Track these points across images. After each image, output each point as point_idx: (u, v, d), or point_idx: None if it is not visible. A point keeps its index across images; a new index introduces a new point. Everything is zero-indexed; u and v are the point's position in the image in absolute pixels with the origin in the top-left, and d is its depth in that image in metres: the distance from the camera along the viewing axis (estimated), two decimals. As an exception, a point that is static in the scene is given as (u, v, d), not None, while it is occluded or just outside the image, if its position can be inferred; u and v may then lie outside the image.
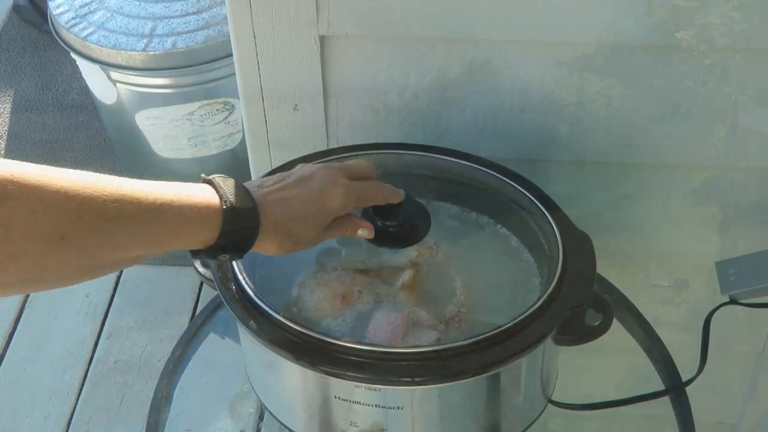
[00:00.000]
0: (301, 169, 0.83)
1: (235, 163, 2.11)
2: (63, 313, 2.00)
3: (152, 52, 1.92)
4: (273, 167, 0.94)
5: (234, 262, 0.86)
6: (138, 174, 1.80)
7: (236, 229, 0.74)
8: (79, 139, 2.40)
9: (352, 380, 0.80)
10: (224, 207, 0.73)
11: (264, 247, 0.78)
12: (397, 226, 0.88)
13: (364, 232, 0.85)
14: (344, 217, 0.83)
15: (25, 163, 0.64)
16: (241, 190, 0.75)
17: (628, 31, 0.96)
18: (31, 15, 2.70)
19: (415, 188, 1.00)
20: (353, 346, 0.80)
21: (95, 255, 0.67)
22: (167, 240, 0.72)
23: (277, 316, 0.82)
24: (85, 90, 2.26)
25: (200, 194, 0.73)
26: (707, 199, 1.12)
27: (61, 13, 2.02)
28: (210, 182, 0.75)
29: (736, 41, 0.96)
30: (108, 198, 0.66)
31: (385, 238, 0.88)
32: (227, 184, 0.75)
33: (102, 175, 0.68)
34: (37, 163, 0.65)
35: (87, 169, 0.67)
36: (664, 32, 0.96)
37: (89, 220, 0.65)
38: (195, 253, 0.76)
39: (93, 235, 0.66)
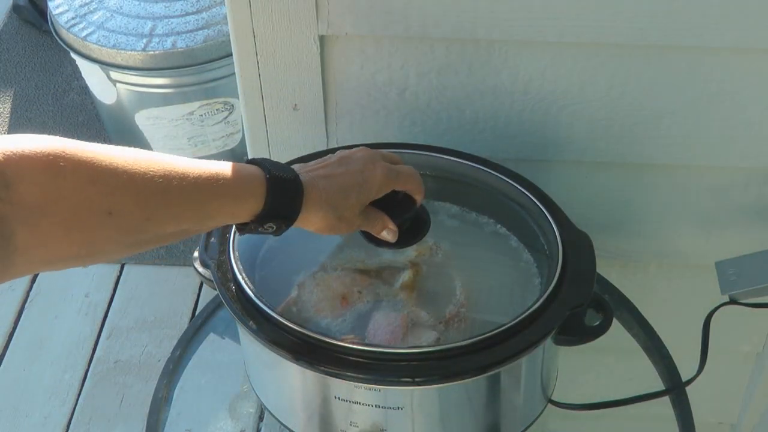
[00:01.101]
0: (341, 152, 0.84)
1: (234, 163, 2.11)
2: (63, 313, 2.00)
3: (152, 52, 1.92)
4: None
5: (234, 262, 0.86)
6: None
7: (280, 197, 0.76)
8: (78, 139, 2.39)
9: (352, 380, 0.80)
10: (267, 176, 0.75)
11: (309, 219, 0.79)
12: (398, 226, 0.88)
13: (389, 234, 0.85)
14: (377, 212, 0.84)
15: (76, 140, 0.65)
16: (283, 165, 0.78)
17: (628, 31, 0.96)
18: (31, 15, 2.70)
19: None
20: (353, 346, 0.80)
21: (142, 230, 0.69)
22: (213, 213, 0.74)
23: (277, 316, 0.82)
24: (85, 90, 2.26)
25: (244, 169, 0.75)
26: (707, 199, 1.12)
27: (61, 13, 2.02)
28: (253, 161, 0.77)
29: (734, 41, 0.96)
30: (155, 174, 0.68)
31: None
32: (270, 161, 0.78)
33: (150, 152, 0.69)
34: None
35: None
36: (664, 32, 0.96)
37: (136, 195, 0.67)
38: (242, 228, 0.77)
39: (140, 211, 0.68)
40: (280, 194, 0.76)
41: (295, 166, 0.81)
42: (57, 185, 0.63)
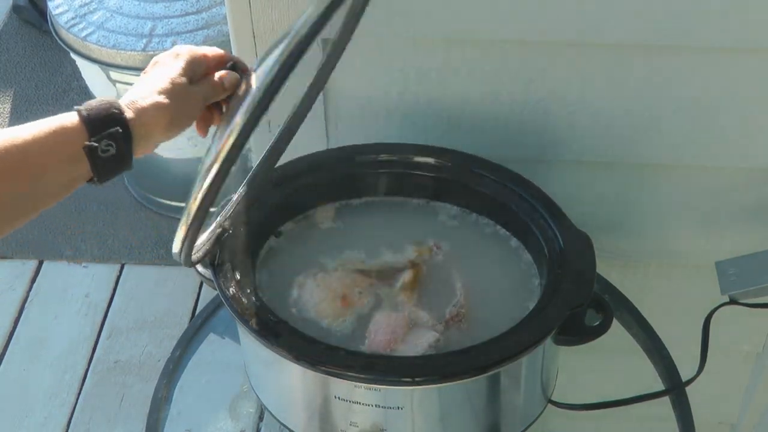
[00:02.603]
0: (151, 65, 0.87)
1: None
2: (63, 313, 2.00)
3: (152, 52, 1.92)
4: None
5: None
6: (138, 173, 1.80)
7: (101, 124, 0.75)
8: (79, 139, 2.40)
9: (352, 380, 0.80)
10: (83, 113, 0.74)
11: (147, 146, 0.80)
12: None
13: (232, 76, 0.85)
14: (201, 84, 0.85)
15: None
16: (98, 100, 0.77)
17: (628, 31, 0.96)
18: (31, 15, 2.70)
19: (415, 188, 1.00)
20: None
21: None
22: (42, 169, 0.72)
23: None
24: (85, 90, 2.26)
25: (60, 118, 0.74)
26: (707, 199, 1.12)
27: (61, 13, 2.02)
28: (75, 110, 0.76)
29: (734, 41, 0.97)
30: None
31: None
32: (87, 102, 0.76)
33: None
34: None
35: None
36: (664, 32, 0.96)
37: None
38: (93, 176, 0.76)
39: None
40: (99, 121, 0.75)
41: (123, 99, 0.79)
42: None
